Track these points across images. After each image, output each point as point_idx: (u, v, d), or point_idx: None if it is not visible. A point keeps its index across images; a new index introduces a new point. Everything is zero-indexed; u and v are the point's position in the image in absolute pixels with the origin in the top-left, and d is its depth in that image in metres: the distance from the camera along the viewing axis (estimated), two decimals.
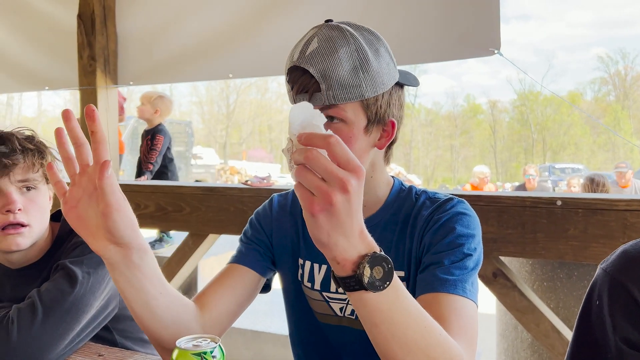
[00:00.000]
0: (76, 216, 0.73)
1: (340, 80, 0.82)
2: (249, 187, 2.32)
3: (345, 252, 0.64)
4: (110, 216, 0.70)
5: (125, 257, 0.75)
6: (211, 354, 0.66)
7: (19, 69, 3.03)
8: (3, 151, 1.03)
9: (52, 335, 0.90)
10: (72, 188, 0.73)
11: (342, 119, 0.85)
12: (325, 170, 0.60)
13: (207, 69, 2.52)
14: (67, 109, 0.71)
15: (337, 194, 0.60)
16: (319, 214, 0.61)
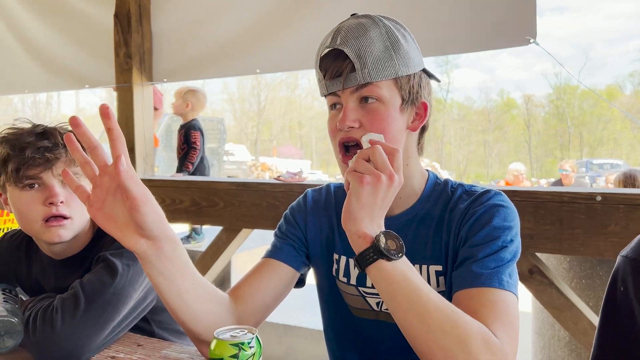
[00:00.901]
0: (104, 217, 0.75)
1: (374, 58, 0.84)
2: (281, 182, 2.34)
3: (366, 229, 0.77)
4: (138, 209, 0.72)
5: (156, 250, 0.76)
6: (248, 345, 0.67)
7: (62, 68, 3.12)
8: (46, 146, 1.06)
9: (94, 325, 0.93)
10: (94, 190, 0.74)
11: (378, 97, 0.86)
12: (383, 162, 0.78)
13: (235, 64, 2.56)
14: (75, 116, 0.71)
15: (384, 177, 0.77)
16: (366, 185, 0.76)
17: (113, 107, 3.22)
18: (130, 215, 0.73)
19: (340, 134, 0.88)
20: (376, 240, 0.76)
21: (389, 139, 0.86)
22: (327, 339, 1.07)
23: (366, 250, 0.76)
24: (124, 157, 0.71)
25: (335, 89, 0.87)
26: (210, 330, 0.85)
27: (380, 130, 0.85)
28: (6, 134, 1.09)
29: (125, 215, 0.74)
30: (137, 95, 2.71)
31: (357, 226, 0.77)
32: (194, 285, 0.83)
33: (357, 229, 0.77)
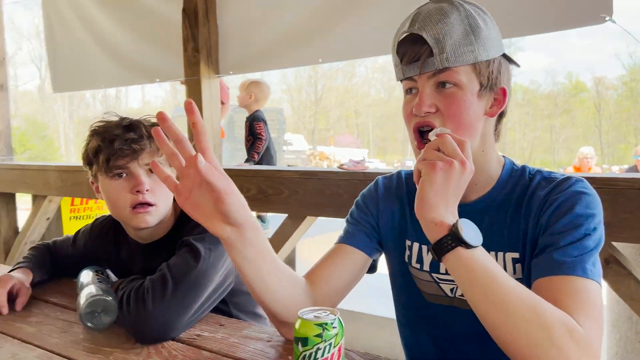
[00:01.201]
0: (191, 206, 0.79)
1: (453, 43, 0.83)
2: (345, 170, 2.36)
3: (441, 216, 0.78)
4: (222, 200, 0.76)
5: (240, 236, 0.80)
6: (332, 325, 0.70)
7: (134, 63, 3.27)
8: (133, 137, 1.13)
9: (181, 305, 0.99)
10: (182, 181, 0.78)
11: (455, 83, 0.85)
12: (454, 150, 0.78)
13: (298, 55, 2.59)
14: (161, 112, 0.75)
15: (456, 162, 0.78)
16: (439, 171, 0.77)
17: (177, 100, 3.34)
18: (215, 205, 0.77)
19: (415, 119, 0.88)
20: (454, 228, 0.76)
21: (465, 125, 0.86)
22: (400, 325, 1.09)
23: (444, 238, 0.76)
24: (202, 155, 0.74)
25: (412, 74, 0.87)
26: (289, 311, 0.90)
27: (457, 116, 0.85)
28: (96, 127, 1.17)
29: (211, 205, 0.78)
30: (204, 88, 2.80)
31: (432, 213, 0.77)
32: (274, 269, 0.87)
33: (433, 217, 0.77)
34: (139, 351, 0.93)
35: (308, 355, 0.69)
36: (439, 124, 0.87)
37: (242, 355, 0.90)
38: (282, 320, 0.92)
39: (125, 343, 0.97)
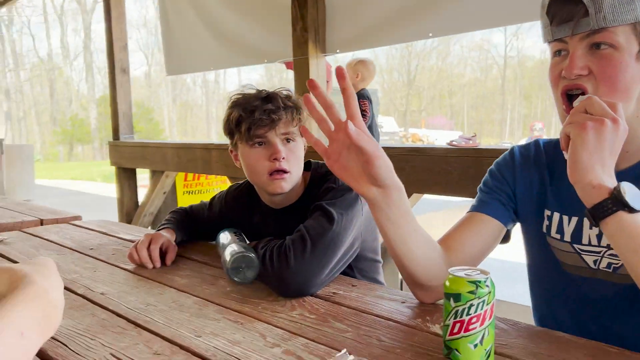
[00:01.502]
0: (340, 167, 0.84)
1: (611, 1, 0.79)
2: (454, 147, 2.32)
3: (599, 178, 0.75)
4: (372, 163, 0.80)
5: (385, 197, 0.84)
6: (484, 283, 0.71)
7: (242, 45, 3.43)
8: (270, 108, 1.21)
9: (318, 264, 1.05)
10: (331, 144, 0.83)
11: (612, 44, 0.81)
12: (603, 109, 0.76)
13: (407, 30, 2.56)
14: (312, 79, 0.80)
15: (608, 120, 0.75)
16: (590, 130, 0.74)
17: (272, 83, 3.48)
18: (364, 168, 0.81)
19: (563, 82, 0.85)
20: (616, 191, 0.73)
21: (621, 89, 0.82)
22: (534, 296, 1.07)
23: (604, 201, 0.73)
24: (351, 120, 0.79)
25: (563, 35, 0.84)
26: (428, 273, 0.92)
27: (612, 79, 0.81)
28: (236, 99, 1.26)
29: (358, 167, 0.82)
30: (312, 67, 2.87)
31: (589, 176, 0.75)
32: (415, 231, 0.90)
33: (590, 179, 0.75)
34: (283, 303, 1.00)
35: (461, 310, 0.71)
36: (590, 88, 0.83)
37: (379, 312, 0.94)
38: (419, 283, 0.95)
39: (268, 296, 1.05)
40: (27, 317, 0.53)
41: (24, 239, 1.63)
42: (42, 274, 0.60)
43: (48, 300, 0.57)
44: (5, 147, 7.09)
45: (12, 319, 0.51)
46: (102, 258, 1.38)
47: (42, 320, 0.55)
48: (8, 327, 0.50)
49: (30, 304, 0.54)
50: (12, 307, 0.53)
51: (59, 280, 0.62)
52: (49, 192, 10.76)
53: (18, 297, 0.54)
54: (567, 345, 0.79)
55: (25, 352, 0.51)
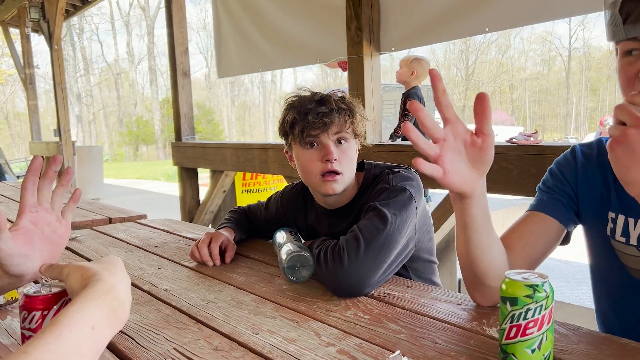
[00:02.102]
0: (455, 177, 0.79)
1: None
2: (515, 144, 2.25)
3: None
4: (486, 150, 0.79)
5: (481, 185, 0.83)
6: (542, 287, 0.69)
7: (297, 45, 3.48)
8: (324, 111, 1.22)
9: (372, 264, 1.06)
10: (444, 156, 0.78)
11: None
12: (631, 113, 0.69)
13: (462, 26, 2.51)
14: (433, 69, 0.79)
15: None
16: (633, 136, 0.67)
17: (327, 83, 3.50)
18: (477, 156, 0.79)
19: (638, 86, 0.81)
20: None
21: None
22: (598, 300, 1.03)
23: None
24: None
25: (635, 34, 0.79)
26: (491, 272, 0.90)
27: None
28: (292, 102, 1.28)
29: (466, 166, 0.80)
30: (367, 66, 2.86)
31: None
32: (491, 226, 0.88)
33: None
34: (337, 303, 1.02)
35: (517, 315, 0.70)
36: None
37: (434, 314, 0.94)
38: (481, 283, 0.92)
39: (323, 295, 1.06)
40: (97, 312, 0.58)
41: (94, 237, 1.74)
42: (109, 271, 0.65)
43: (115, 296, 0.61)
44: (77, 149, 7.55)
45: (84, 314, 0.56)
46: (165, 256, 1.45)
47: (110, 314, 0.59)
48: (80, 322, 0.55)
49: (99, 300, 0.59)
50: (83, 303, 0.57)
51: (125, 277, 0.67)
52: (117, 191, 11.34)
53: (88, 294, 0.59)
54: (632, 353, 0.76)
55: (96, 344, 0.56)
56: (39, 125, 8.54)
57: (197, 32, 33.55)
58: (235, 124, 37.04)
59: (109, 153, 31.86)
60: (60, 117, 6.96)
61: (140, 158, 32.05)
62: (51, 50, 6.81)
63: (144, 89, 37.48)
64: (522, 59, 37.04)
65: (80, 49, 34.05)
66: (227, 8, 4.03)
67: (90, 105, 35.75)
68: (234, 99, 37.12)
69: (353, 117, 1.25)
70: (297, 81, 37.84)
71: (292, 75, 34.40)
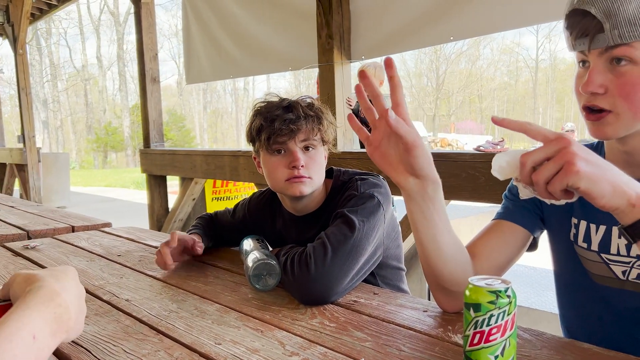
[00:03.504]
0: (379, 155, 0.83)
1: (627, 16, 0.75)
2: (482, 152, 2.28)
3: (634, 189, 0.67)
4: (411, 152, 0.79)
5: (421, 189, 0.83)
6: (505, 293, 0.69)
7: (268, 52, 3.46)
8: (290, 118, 1.21)
9: (339, 271, 1.05)
10: (373, 132, 0.83)
11: (632, 59, 0.77)
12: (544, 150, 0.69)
13: (429, 35, 2.55)
14: (363, 69, 0.80)
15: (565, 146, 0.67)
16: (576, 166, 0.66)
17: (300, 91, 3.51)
18: (403, 157, 0.81)
19: (583, 97, 0.83)
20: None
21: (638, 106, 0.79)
22: (561, 306, 1.04)
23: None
24: (395, 107, 0.79)
25: (582, 49, 0.81)
26: (454, 277, 0.90)
27: (631, 97, 0.77)
28: (259, 107, 1.27)
29: (398, 155, 0.82)
30: (337, 74, 2.87)
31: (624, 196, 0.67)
32: (447, 230, 0.88)
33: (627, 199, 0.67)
34: (303, 311, 1.00)
35: (481, 321, 0.69)
36: (607, 107, 0.80)
37: (400, 321, 0.93)
38: (443, 286, 0.92)
39: (289, 303, 1.05)
40: (38, 320, 0.54)
41: (55, 246, 1.68)
42: (56, 277, 0.61)
43: (59, 303, 0.58)
44: (42, 156, 7.34)
45: (24, 322, 0.53)
46: (128, 264, 1.41)
47: (53, 322, 0.56)
48: (20, 330, 0.51)
49: (41, 307, 0.56)
50: (23, 310, 0.54)
51: (75, 285, 0.64)
52: (84, 199, 11.06)
53: (30, 301, 0.56)
54: (594, 358, 0.77)
55: (39, 353, 0.53)
56: (3, 131, 8.29)
57: (169, 38, 33.20)
58: (208, 131, 36.72)
59: (76, 160, 31.14)
60: (24, 123, 6.77)
61: (109, 165, 31.41)
62: (15, 55, 6.63)
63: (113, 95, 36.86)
64: (491, 69, 37.90)
65: (47, 54, 33.28)
66: (197, 14, 3.99)
67: (57, 111, 34.92)
68: (206, 106, 36.83)
69: (320, 124, 1.24)
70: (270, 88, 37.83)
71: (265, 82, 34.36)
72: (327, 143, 1.29)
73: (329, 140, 1.29)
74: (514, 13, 2.20)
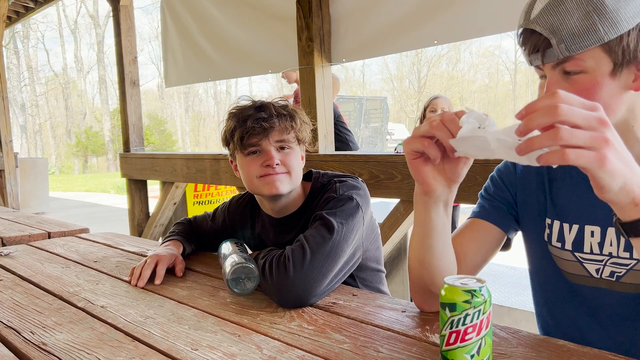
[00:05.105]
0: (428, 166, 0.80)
1: (571, 29, 0.78)
2: None
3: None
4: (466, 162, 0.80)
5: (448, 194, 0.83)
6: (480, 292, 0.70)
7: (248, 55, 3.45)
8: (263, 117, 1.21)
9: (318, 273, 1.04)
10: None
11: (581, 69, 0.80)
12: (584, 117, 0.61)
13: (412, 38, 2.56)
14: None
15: (605, 130, 0.61)
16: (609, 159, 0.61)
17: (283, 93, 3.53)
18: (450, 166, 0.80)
19: None
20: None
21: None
22: (537, 304, 1.05)
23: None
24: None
25: (537, 64, 0.84)
26: (439, 276, 0.90)
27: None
28: (233, 110, 1.26)
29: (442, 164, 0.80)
30: (318, 76, 2.87)
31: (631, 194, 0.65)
32: (448, 229, 0.89)
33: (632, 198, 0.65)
34: (282, 314, 0.99)
35: (456, 320, 0.70)
36: None
37: (379, 322, 0.93)
38: (430, 289, 0.92)
39: (268, 307, 1.04)
40: None
41: (30, 252, 1.65)
42: None
43: None
44: (20, 161, 7.20)
45: None
46: (105, 270, 1.39)
47: None
48: None
49: None
50: None
51: None
52: (63, 205, 10.89)
53: None
54: (568, 354, 0.77)
55: None
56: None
57: (149, 41, 32.92)
58: (190, 135, 36.47)
59: (56, 165, 30.63)
60: (1, 128, 6.64)
61: (90, 170, 30.97)
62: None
63: (93, 99, 36.39)
64: (471, 72, 38.30)
65: (25, 57, 32.74)
66: (176, 17, 3.96)
67: (35, 115, 34.35)
68: (188, 109, 36.57)
69: (294, 122, 1.24)
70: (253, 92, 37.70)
71: (247, 85, 34.26)
72: (303, 143, 1.29)
73: (305, 140, 1.29)
74: (497, 17, 2.22)
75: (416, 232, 0.90)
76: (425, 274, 0.91)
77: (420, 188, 0.84)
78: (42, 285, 1.26)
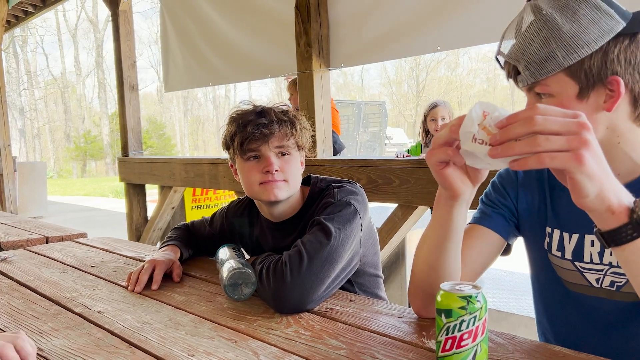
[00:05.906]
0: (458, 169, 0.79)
1: (531, 58, 0.82)
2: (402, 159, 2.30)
3: (618, 196, 0.65)
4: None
5: (472, 194, 0.82)
6: (476, 298, 0.70)
7: (247, 60, 3.46)
8: (263, 122, 1.21)
9: (316, 278, 1.04)
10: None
11: (548, 93, 0.84)
12: (562, 123, 0.63)
13: (414, 44, 2.56)
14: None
15: (584, 132, 0.62)
16: (586, 158, 0.62)
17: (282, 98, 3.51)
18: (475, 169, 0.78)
19: None
20: (636, 215, 0.65)
21: None
22: (537, 312, 1.05)
23: (623, 227, 0.66)
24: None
25: (518, 86, 0.88)
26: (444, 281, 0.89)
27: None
28: (234, 115, 1.26)
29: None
30: (316, 81, 2.88)
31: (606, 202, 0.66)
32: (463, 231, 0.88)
33: (608, 205, 0.66)
34: (279, 320, 0.99)
35: (452, 327, 0.70)
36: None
37: (375, 328, 0.93)
38: (428, 293, 0.90)
39: (265, 313, 1.04)
40: None
41: (27, 257, 1.65)
42: None
43: None
44: (18, 165, 7.20)
45: None
46: (102, 275, 1.38)
47: None
48: None
49: None
50: None
51: None
52: (62, 209, 10.87)
53: None
54: None
55: None
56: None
57: (149, 45, 32.95)
58: (188, 139, 36.48)
59: (54, 169, 30.59)
60: None
61: (89, 174, 30.93)
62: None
63: (92, 103, 36.40)
64: (470, 77, 38.38)
65: (24, 62, 32.75)
66: (175, 21, 3.97)
67: (34, 119, 34.35)
68: (187, 113, 36.59)
69: (294, 128, 1.24)
70: (252, 96, 37.76)
71: (246, 90, 34.31)
72: (303, 148, 1.29)
73: (304, 146, 1.29)
74: (499, 24, 2.22)
75: (432, 234, 0.88)
76: (433, 276, 0.89)
77: (446, 193, 0.82)
78: (39, 291, 1.26)
